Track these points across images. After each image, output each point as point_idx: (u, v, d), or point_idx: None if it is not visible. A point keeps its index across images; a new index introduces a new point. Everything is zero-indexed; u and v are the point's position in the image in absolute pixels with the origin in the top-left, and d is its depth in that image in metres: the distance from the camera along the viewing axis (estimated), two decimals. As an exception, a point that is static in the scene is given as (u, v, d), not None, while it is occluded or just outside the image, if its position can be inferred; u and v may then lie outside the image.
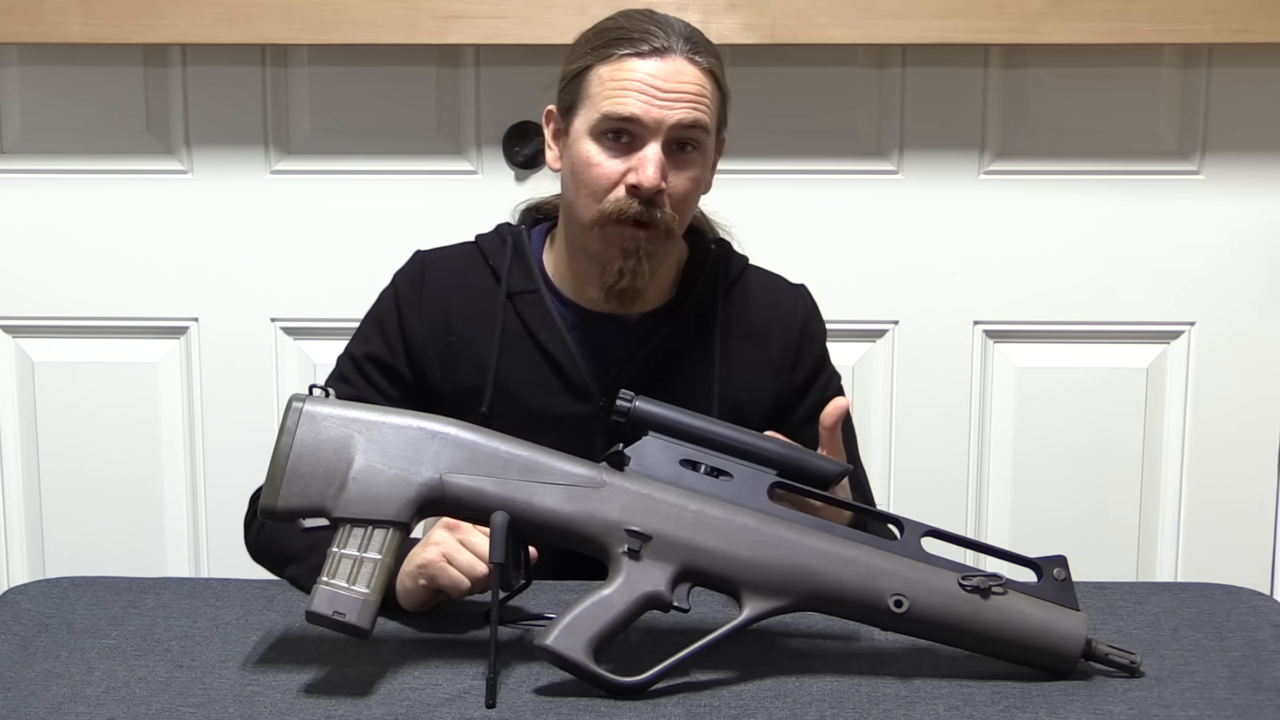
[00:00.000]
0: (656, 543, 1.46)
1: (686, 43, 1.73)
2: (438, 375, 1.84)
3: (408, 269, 1.88)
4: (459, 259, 1.87)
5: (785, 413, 1.86)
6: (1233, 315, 2.53)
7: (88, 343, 2.58)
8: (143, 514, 2.62)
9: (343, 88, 2.50)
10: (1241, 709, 1.41)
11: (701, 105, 1.72)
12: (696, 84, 1.72)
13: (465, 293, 1.84)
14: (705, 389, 1.81)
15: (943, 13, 2.35)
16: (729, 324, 1.84)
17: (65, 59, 2.49)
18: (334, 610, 1.43)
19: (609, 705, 1.41)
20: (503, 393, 1.81)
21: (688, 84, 1.71)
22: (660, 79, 1.71)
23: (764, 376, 1.85)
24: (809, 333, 1.89)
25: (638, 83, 1.71)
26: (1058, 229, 2.51)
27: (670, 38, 1.72)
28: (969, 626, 1.46)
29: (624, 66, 1.72)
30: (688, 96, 1.71)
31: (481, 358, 1.82)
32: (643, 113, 1.70)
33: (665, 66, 1.71)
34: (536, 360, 1.81)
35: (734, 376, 1.83)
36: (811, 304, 1.91)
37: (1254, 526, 2.59)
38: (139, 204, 2.53)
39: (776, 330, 1.86)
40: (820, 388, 1.88)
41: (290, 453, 1.46)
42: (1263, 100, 2.47)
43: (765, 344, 1.85)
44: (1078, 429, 2.57)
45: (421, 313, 1.84)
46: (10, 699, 1.43)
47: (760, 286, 1.89)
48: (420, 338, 1.84)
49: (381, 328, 1.86)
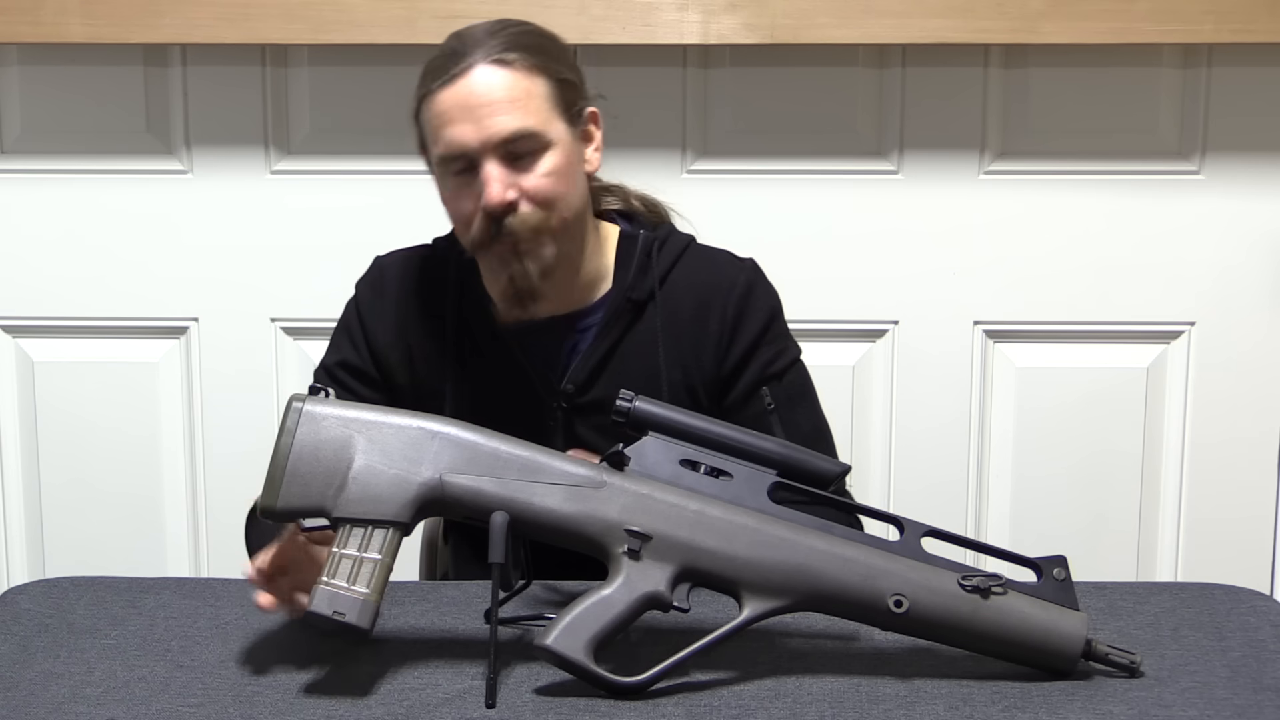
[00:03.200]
0: (656, 543, 1.46)
1: (489, 47, 1.71)
2: (402, 379, 1.85)
3: (367, 275, 1.90)
4: (414, 262, 1.88)
5: (726, 386, 1.83)
6: (1233, 315, 2.53)
7: (88, 343, 2.59)
8: (143, 514, 2.62)
9: (343, 88, 2.50)
10: (1241, 709, 1.41)
11: (518, 106, 1.70)
12: (506, 89, 1.70)
13: (421, 298, 1.86)
14: (653, 379, 1.81)
15: (943, 13, 2.35)
16: (670, 308, 1.82)
17: (65, 59, 2.49)
18: (334, 610, 1.43)
19: (609, 705, 1.41)
20: (461, 399, 1.82)
21: (496, 91, 1.70)
22: (468, 99, 1.69)
23: (706, 357, 1.83)
24: (748, 306, 1.83)
25: (449, 113, 1.70)
26: (1057, 229, 2.51)
27: (470, 52, 1.71)
28: (969, 626, 1.46)
29: (438, 101, 1.71)
30: (501, 105, 1.69)
31: (438, 363, 1.83)
32: (464, 141, 1.70)
33: (470, 84, 1.70)
34: (488, 367, 1.83)
35: (679, 362, 1.82)
36: (754, 277, 1.86)
37: (1254, 526, 2.59)
38: (139, 204, 2.53)
39: (715, 307, 1.83)
40: (763, 362, 1.83)
41: (290, 453, 1.46)
42: (1263, 100, 2.47)
43: (705, 324, 1.83)
44: (1078, 429, 2.57)
45: (382, 317, 1.86)
46: (10, 699, 1.43)
47: (700, 265, 1.85)
48: (383, 341, 1.85)
49: (349, 334, 1.88)
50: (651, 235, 1.85)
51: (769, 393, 1.83)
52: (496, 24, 1.75)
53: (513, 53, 1.71)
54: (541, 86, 1.73)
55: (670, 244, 1.86)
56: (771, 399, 1.83)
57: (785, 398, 1.84)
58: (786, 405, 1.84)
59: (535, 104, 1.71)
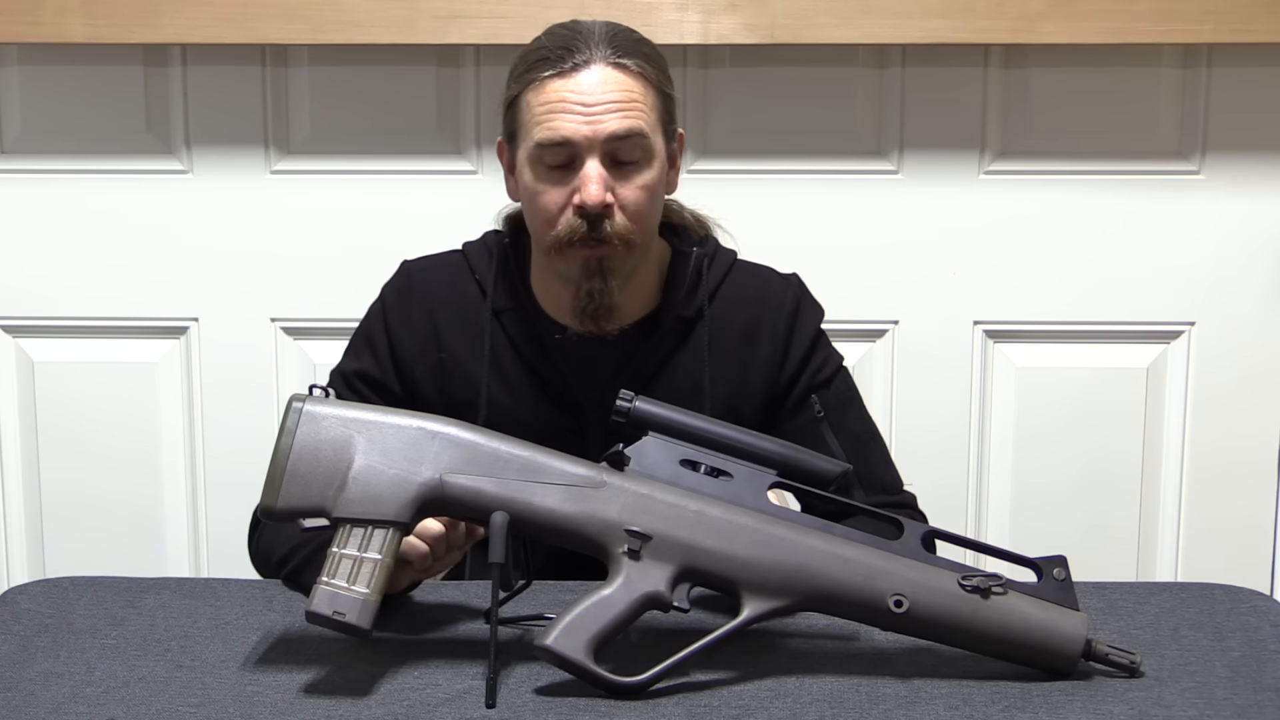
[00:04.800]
0: (656, 543, 1.46)
1: (609, 48, 1.70)
2: (430, 390, 1.82)
3: (394, 282, 1.87)
4: (446, 270, 1.85)
5: (778, 402, 1.84)
6: (1233, 315, 2.53)
7: (88, 343, 2.58)
8: (142, 514, 2.62)
9: (343, 88, 2.50)
10: (1241, 709, 1.41)
11: (633, 111, 1.69)
12: (623, 91, 1.69)
13: (453, 306, 1.83)
14: (696, 395, 1.80)
15: (943, 13, 2.35)
16: (718, 326, 1.82)
17: (65, 59, 2.49)
18: (334, 610, 1.43)
19: (609, 705, 1.41)
20: (495, 409, 1.80)
21: (613, 92, 1.68)
22: (585, 94, 1.68)
23: (755, 374, 1.83)
24: (798, 324, 1.84)
25: (562, 103, 1.68)
26: (1058, 229, 2.51)
27: (590, 48, 1.69)
28: (969, 626, 1.46)
29: (547, 89, 1.69)
30: (616, 106, 1.68)
31: (473, 374, 1.81)
32: (573, 133, 1.68)
33: (588, 79, 1.68)
34: (526, 377, 1.81)
35: (725, 379, 1.82)
36: (800, 293, 1.87)
37: (1254, 526, 2.59)
38: (139, 204, 2.53)
39: (765, 326, 1.83)
40: (812, 372, 1.84)
41: (290, 453, 1.46)
42: (1263, 100, 2.47)
43: (755, 342, 1.83)
44: (1078, 429, 2.57)
45: (410, 327, 1.83)
46: (10, 699, 1.43)
47: (748, 282, 1.85)
48: (410, 352, 1.83)
49: (371, 343, 1.85)
50: (702, 253, 1.84)
51: (818, 400, 1.83)
52: (612, 26, 1.74)
53: (632, 59, 1.70)
54: (652, 98, 1.72)
55: (718, 261, 1.85)
56: (821, 406, 1.83)
57: (835, 403, 1.84)
58: (836, 411, 1.84)
59: (646, 112, 1.71)
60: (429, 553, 1.55)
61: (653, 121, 1.71)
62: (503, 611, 1.48)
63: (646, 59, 1.73)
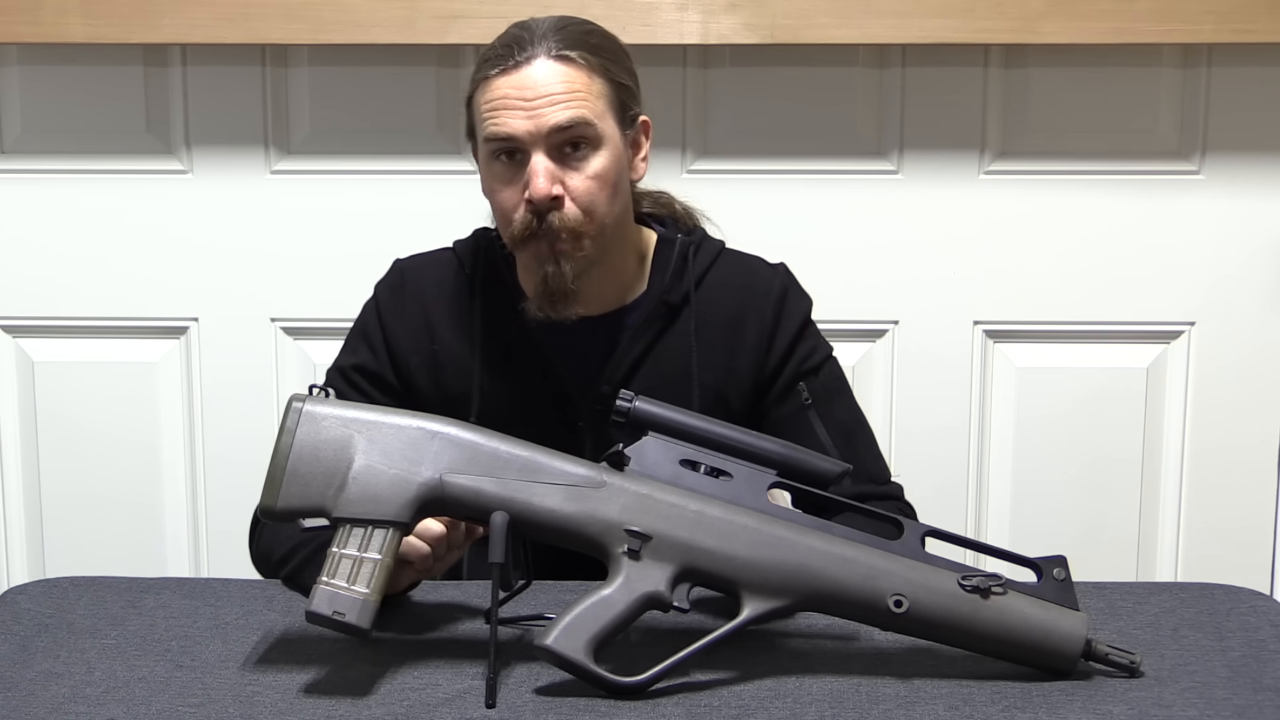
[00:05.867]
0: (656, 543, 1.46)
1: (553, 42, 1.71)
2: (424, 383, 1.84)
3: (387, 279, 1.89)
4: (437, 266, 1.88)
5: (765, 389, 1.85)
6: (1233, 315, 2.53)
7: (88, 343, 2.58)
8: (142, 514, 2.62)
9: (343, 88, 2.50)
10: (1241, 709, 1.41)
11: (575, 101, 1.70)
12: (565, 82, 1.70)
13: (445, 301, 1.85)
14: (685, 382, 1.81)
15: (943, 13, 2.35)
16: (705, 312, 1.83)
17: (65, 59, 2.49)
18: (334, 610, 1.43)
19: (609, 705, 1.41)
20: (488, 403, 1.81)
21: (555, 84, 1.70)
22: (526, 88, 1.69)
23: (742, 361, 1.84)
24: (784, 311, 1.85)
25: (504, 99, 1.70)
26: (1058, 229, 2.51)
27: (534, 44, 1.71)
28: (969, 626, 1.46)
29: (492, 87, 1.71)
30: (558, 97, 1.69)
31: (465, 367, 1.82)
32: (515, 128, 1.69)
33: (530, 74, 1.70)
34: (518, 370, 1.82)
35: (713, 366, 1.83)
36: (787, 281, 1.88)
37: (1254, 526, 2.58)
38: (139, 204, 2.53)
39: (752, 313, 1.84)
40: (799, 359, 1.85)
41: (290, 453, 1.46)
42: (1263, 100, 2.47)
43: (742, 329, 1.84)
44: (1078, 429, 2.57)
45: (404, 321, 1.85)
46: (10, 699, 1.43)
47: (735, 270, 1.87)
48: (404, 345, 1.85)
49: (366, 337, 1.87)
50: (688, 240, 1.86)
51: (805, 388, 1.84)
52: (561, 20, 1.75)
53: (575, 50, 1.72)
54: (600, 86, 1.73)
55: (705, 248, 1.87)
56: (809, 394, 1.84)
57: (822, 391, 1.85)
58: (824, 399, 1.85)
59: (591, 101, 1.72)
60: (429, 553, 1.56)
61: (600, 109, 1.72)
62: (503, 611, 1.48)
63: (592, 49, 1.73)
